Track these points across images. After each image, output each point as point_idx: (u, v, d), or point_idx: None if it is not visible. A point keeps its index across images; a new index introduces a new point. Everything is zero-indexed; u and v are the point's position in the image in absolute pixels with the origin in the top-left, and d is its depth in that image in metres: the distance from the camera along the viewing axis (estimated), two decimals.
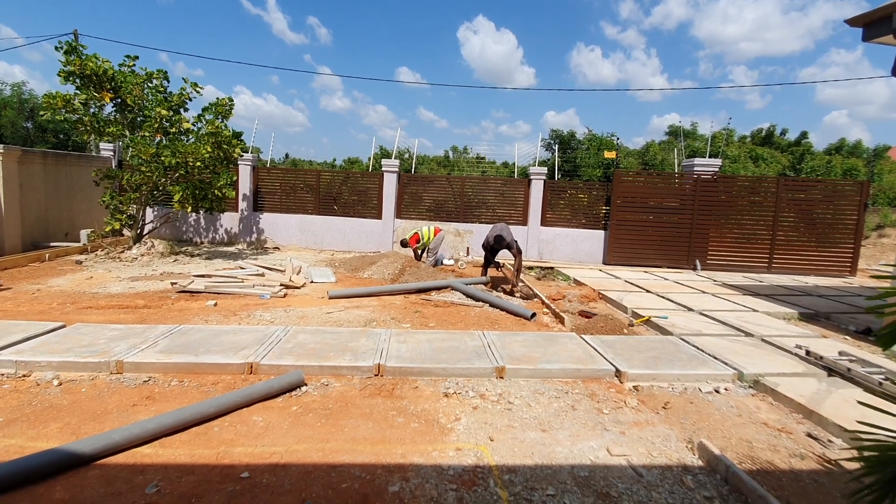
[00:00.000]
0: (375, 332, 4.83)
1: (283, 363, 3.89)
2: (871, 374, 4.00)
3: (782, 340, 5.09)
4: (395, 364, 3.96)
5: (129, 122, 9.90)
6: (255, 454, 2.76)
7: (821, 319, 6.57)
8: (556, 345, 4.64)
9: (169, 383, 3.66)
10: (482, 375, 3.96)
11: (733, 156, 19.87)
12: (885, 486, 1.35)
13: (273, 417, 3.19)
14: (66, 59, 9.11)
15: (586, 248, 11.55)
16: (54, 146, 23.61)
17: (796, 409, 3.60)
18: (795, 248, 10.93)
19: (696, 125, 23.04)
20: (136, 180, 9.33)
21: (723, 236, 11.03)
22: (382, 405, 3.43)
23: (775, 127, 24.89)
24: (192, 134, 10.03)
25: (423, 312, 6.12)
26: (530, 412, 3.41)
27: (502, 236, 7.46)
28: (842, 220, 10.86)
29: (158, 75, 10.09)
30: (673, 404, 3.63)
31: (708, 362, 4.35)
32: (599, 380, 4.02)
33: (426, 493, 2.47)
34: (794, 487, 2.67)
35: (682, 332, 5.36)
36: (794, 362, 4.47)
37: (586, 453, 2.91)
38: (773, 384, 3.89)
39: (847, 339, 5.67)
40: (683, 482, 2.65)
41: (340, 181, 12.54)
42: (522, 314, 6.02)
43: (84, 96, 9.34)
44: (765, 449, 3.07)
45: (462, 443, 2.98)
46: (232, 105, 10.27)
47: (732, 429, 3.31)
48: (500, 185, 12.34)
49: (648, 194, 11.35)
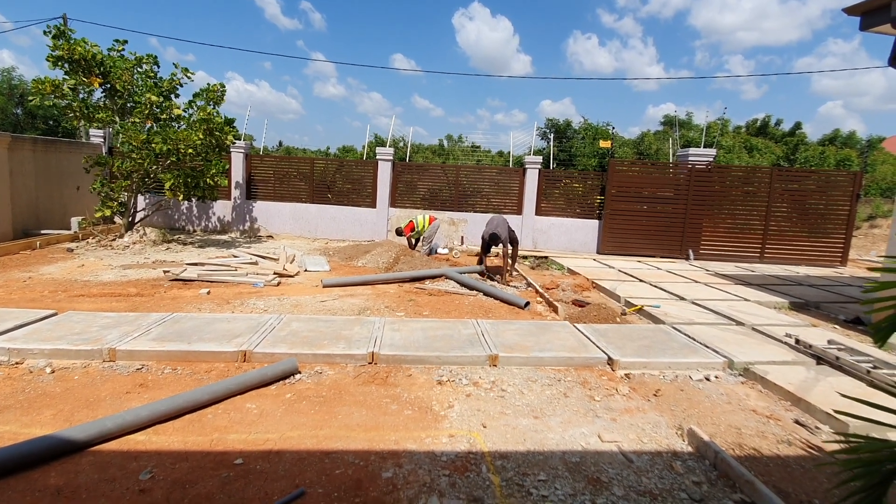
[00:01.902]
0: (369, 321, 4.84)
1: (277, 351, 3.89)
2: (859, 362, 4.06)
3: (772, 329, 5.14)
4: (388, 352, 3.98)
5: (118, 108, 9.76)
6: (248, 441, 2.77)
7: (811, 309, 6.64)
8: (549, 333, 4.67)
9: (162, 371, 3.66)
10: (476, 363, 3.98)
11: (728, 146, 19.91)
12: (875, 489, 1.34)
13: (267, 405, 3.20)
14: (54, 43, 8.94)
15: (580, 238, 11.58)
16: (44, 132, 23.25)
17: (785, 396, 3.65)
18: (787, 238, 11.01)
19: (691, 115, 23.06)
20: (126, 167, 9.22)
21: (716, 226, 11.09)
22: (376, 392, 3.45)
23: (770, 117, 24.95)
24: (184, 120, 9.91)
25: (417, 301, 6.13)
26: (523, 399, 3.44)
27: (497, 234, 7.61)
28: (834, 210, 10.94)
29: (148, 60, 9.93)
30: (664, 392, 3.68)
31: (699, 351, 4.40)
32: (592, 368, 4.06)
33: (419, 478, 2.50)
34: (781, 473, 2.72)
35: (674, 320, 5.41)
36: (784, 351, 4.52)
37: (578, 439, 2.95)
38: (762, 372, 3.94)
39: (836, 328, 5.74)
40: (673, 467, 2.69)
41: (334, 169, 12.45)
42: (516, 303, 6.04)
43: (73, 81, 9.19)
44: (753, 435, 3.11)
45: (455, 429, 3.00)
46: (224, 91, 10.14)
47: (722, 416, 3.36)
48: (495, 175, 12.31)
49: (643, 184, 11.37)
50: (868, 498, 1.33)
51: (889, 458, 1.36)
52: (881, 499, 1.34)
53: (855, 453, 1.44)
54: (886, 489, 1.33)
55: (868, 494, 1.33)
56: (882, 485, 1.33)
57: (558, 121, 22.32)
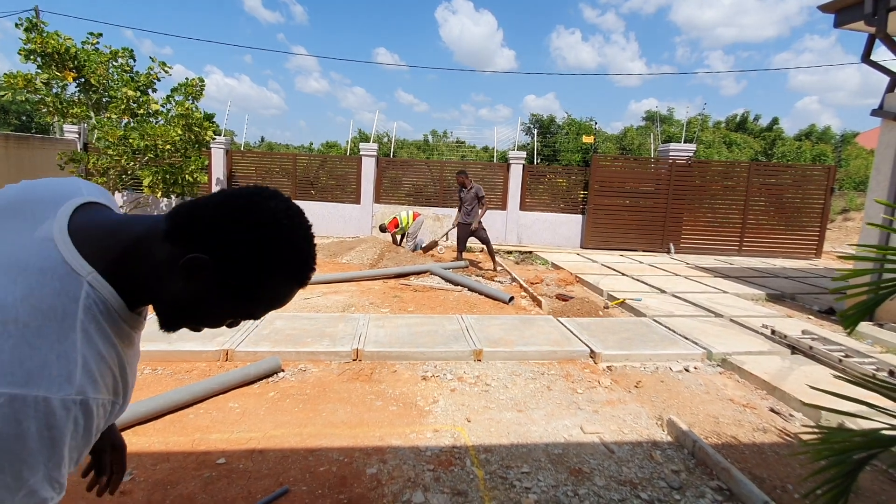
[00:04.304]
0: (354, 317, 4.82)
1: (260, 349, 3.86)
2: (831, 351, 4.18)
3: (750, 320, 5.27)
4: (373, 349, 3.97)
5: (93, 103, 9.53)
6: (231, 440, 2.75)
7: (787, 300, 6.82)
8: (533, 327, 4.71)
9: (142, 371, 3.60)
10: (460, 358, 4.01)
11: (708, 141, 20.24)
12: (843, 478, 1.36)
13: (250, 403, 3.18)
14: (27, 36, 8.71)
15: (565, 233, 11.68)
16: (17, 128, 22.59)
17: (761, 385, 3.75)
18: (765, 231, 11.26)
19: (672, 111, 23.37)
20: (102, 164, 9.01)
21: (696, 220, 11.29)
22: (360, 389, 3.45)
23: (749, 113, 25.43)
24: (161, 116, 9.72)
25: (402, 297, 6.12)
26: (507, 393, 3.48)
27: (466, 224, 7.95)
28: (809, 204, 11.21)
29: (124, 54, 9.71)
30: (645, 383, 3.74)
31: (679, 342, 4.48)
32: (575, 361, 4.11)
33: (404, 473, 2.51)
34: (756, 459, 2.80)
35: (655, 313, 5.50)
36: (761, 341, 4.64)
37: (560, 432, 2.99)
38: (739, 362, 4.04)
39: (811, 318, 5.90)
40: (652, 457, 2.75)
41: (318, 165, 12.34)
42: (501, 298, 6.08)
43: (46, 76, 8.95)
44: (730, 424, 3.19)
45: (440, 424, 3.02)
46: (203, 86, 9.97)
47: (700, 405, 3.44)
48: (479, 170, 12.33)
49: (625, 179, 11.50)
50: (839, 486, 1.38)
51: (857, 446, 1.42)
52: (850, 486, 1.39)
53: (825, 443, 1.49)
54: (855, 477, 1.38)
55: (838, 483, 1.38)
56: (851, 473, 1.38)
57: (542, 116, 22.46)
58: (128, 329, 0.81)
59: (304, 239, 0.82)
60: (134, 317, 0.82)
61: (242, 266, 0.78)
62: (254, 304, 0.83)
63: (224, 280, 0.78)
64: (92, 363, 0.70)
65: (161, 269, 0.78)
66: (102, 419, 0.74)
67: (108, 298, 0.75)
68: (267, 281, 0.80)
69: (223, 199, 0.80)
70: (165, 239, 0.78)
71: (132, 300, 0.79)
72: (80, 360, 0.68)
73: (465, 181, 7.89)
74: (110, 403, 0.75)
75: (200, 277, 0.77)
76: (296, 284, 0.83)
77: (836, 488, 1.40)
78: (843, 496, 1.38)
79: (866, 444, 1.41)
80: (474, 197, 7.82)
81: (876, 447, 1.40)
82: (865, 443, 1.41)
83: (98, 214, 0.83)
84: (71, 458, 0.69)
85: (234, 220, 0.77)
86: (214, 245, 0.77)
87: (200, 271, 0.76)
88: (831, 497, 1.39)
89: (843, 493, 1.39)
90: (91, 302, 0.72)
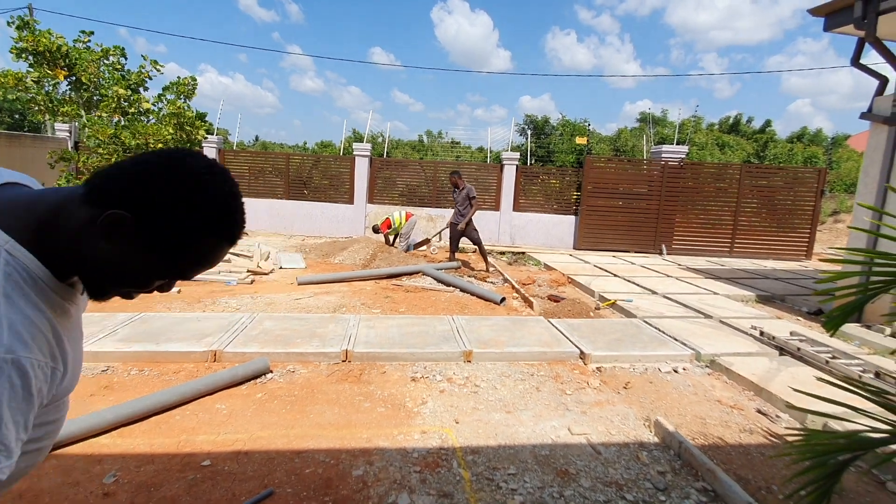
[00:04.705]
0: (344, 318, 4.81)
1: (249, 350, 3.85)
2: (819, 352, 4.21)
3: (739, 322, 5.30)
4: (363, 349, 3.96)
5: (84, 102, 9.47)
6: (217, 442, 2.74)
7: (776, 301, 6.86)
8: (523, 328, 4.72)
9: (129, 372, 3.58)
10: (450, 359, 4.00)
11: (701, 143, 20.35)
12: (826, 479, 1.37)
13: (237, 405, 3.16)
14: (18, 34, 8.64)
15: (557, 234, 11.70)
16: (9, 127, 22.39)
17: (748, 386, 3.77)
18: (756, 232, 11.33)
19: (666, 112, 23.51)
20: (93, 163, 8.95)
21: (688, 221, 11.35)
22: (349, 390, 3.44)
23: (742, 115, 25.63)
24: (153, 114, 9.67)
25: (393, 298, 6.12)
26: (496, 394, 3.48)
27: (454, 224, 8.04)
28: (800, 206, 11.30)
29: (115, 52, 9.65)
30: (633, 384, 3.76)
31: (668, 343, 4.50)
32: (564, 362, 4.12)
33: (390, 475, 2.50)
34: (742, 460, 2.81)
35: (645, 314, 5.52)
36: (749, 342, 4.67)
37: (548, 433, 2.99)
38: (727, 363, 4.06)
39: (800, 319, 5.95)
40: (639, 458, 2.76)
41: (311, 165, 12.31)
42: (492, 299, 6.08)
43: (37, 74, 8.89)
44: (717, 425, 3.21)
45: (428, 426, 3.02)
46: (195, 85, 9.92)
47: (688, 406, 3.45)
48: (473, 171, 12.34)
49: (618, 180, 11.55)
50: (822, 488, 1.39)
51: (840, 448, 1.43)
52: (833, 487, 1.40)
53: (808, 444, 1.50)
54: (838, 478, 1.39)
55: (821, 484, 1.39)
56: (834, 475, 1.39)
57: (537, 117, 22.51)
58: (58, 299, 0.80)
59: (230, 195, 0.81)
60: (66, 288, 0.81)
61: (164, 222, 0.77)
62: (181, 263, 0.83)
63: (146, 237, 0.77)
64: (19, 325, 0.70)
65: (81, 231, 0.77)
66: (43, 382, 0.73)
67: (30, 266, 0.74)
68: (191, 237, 0.79)
69: (142, 158, 0.80)
70: (84, 202, 0.77)
71: (59, 270, 0.79)
72: (4, 322, 0.68)
73: (458, 182, 7.90)
74: (49, 367, 0.75)
75: (121, 235, 0.76)
76: (224, 242, 0.83)
77: (819, 489, 1.41)
78: (826, 497, 1.39)
79: (849, 445, 1.42)
80: (466, 197, 7.83)
81: (858, 449, 1.41)
82: (848, 445, 1.42)
83: (18, 190, 0.82)
84: (16, 421, 0.69)
85: (153, 176, 0.77)
86: (134, 202, 0.75)
87: (120, 227, 0.75)
88: (815, 498, 1.40)
89: (826, 494, 1.40)
90: (11, 269, 0.72)
